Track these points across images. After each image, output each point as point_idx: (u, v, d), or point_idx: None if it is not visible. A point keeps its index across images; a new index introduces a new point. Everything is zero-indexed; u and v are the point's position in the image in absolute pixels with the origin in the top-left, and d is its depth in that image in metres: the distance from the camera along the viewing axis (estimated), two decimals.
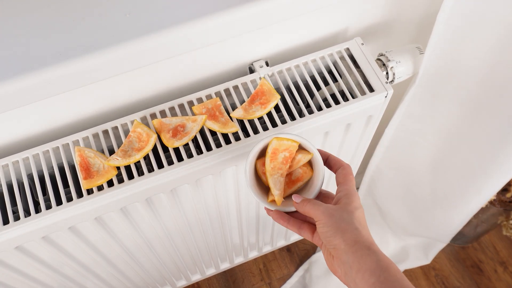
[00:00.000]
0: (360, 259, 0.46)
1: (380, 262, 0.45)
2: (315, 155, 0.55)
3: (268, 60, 0.72)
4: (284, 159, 0.56)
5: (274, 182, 0.55)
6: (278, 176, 0.56)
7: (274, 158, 0.56)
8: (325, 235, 0.49)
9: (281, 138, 0.55)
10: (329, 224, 0.49)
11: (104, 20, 0.57)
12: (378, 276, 0.44)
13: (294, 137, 0.55)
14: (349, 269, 0.47)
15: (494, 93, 0.72)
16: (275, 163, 0.56)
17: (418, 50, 0.74)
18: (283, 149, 0.56)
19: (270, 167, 0.56)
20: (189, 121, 0.64)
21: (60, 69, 0.54)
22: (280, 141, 0.55)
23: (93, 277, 0.84)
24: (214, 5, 0.57)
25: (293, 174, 0.57)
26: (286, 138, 0.55)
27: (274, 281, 1.31)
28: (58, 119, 0.66)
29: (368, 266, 0.45)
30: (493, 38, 0.65)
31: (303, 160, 0.56)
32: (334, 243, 0.48)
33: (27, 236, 0.61)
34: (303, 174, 0.57)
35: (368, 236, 0.48)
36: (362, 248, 0.46)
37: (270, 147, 0.55)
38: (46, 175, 0.62)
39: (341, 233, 0.48)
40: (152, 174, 0.62)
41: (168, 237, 0.82)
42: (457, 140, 0.85)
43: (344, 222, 0.48)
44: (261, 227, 1.01)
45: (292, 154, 0.56)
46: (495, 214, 1.17)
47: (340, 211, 0.49)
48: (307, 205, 0.51)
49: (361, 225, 0.49)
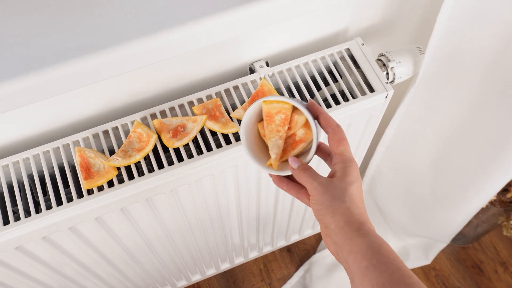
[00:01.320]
0: (350, 241, 0.44)
1: (372, 243, 0.44)
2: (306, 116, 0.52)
3: (268, 60, 0.72)
4: (281, 121, 0.53)
5: (272, 145, 0.53)
6: (276, 139, 0.54)
7: (271, 121, 0.54)
8: (317, 212, 0.48)
9: (270, 101, 0.53)
10: (320, 202, 0.47)
11: (104, 20, 0.57)
12: (370, 259, 0.43)
13: (282, 98, 0.53)
14: (340, 250, 0.46)
15: (494, 93, 0.72)
16: (273, 125, 0.54)
17: (418, 50, 0.74)
18: (276, 112, 0.53)
19: (268, 130, 0.54)
20: (190, 121, 0.64)
21: (60, 69, 0.54)
22: (269, 104, 0.53)
23: (93, 277, 0.84)
24: (214, 5, 0.57)
25: (296, 134, 0.55)
26: (275, 101, 0.53)
27: (274, 281, 1.31)
28: (59, 120, 0.66)
29: (359, 248, 0.44)
30: (493, 38, 0.65)
31: (300, 121, 0.54)
32: (325, 222, 0.47)
33: (28, 236, 0.61)
34: (305, 134, 0.54)
35: (360, 215, 0.46)
36: (352, 230, 0.45)
37: (263, 112, 0.54)
38: (47, 175, 0.62)
39: (331, 213, 0.46)
40: (152, 175, 0.62)
41: (168, 237, 0.82)
42: (457, 140, 0.85)
43: (336, 201, 0.46)
44: (261, 227, 1.01)
45: (287, 116, 0.53)
46: (495, 215, 1.17)
47: (333, 188, 0.47)
48: (302, 175, 0.49)
49: (353, 203, 0.46)
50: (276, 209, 0.94)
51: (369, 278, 0.42)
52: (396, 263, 0.43)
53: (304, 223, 1.13)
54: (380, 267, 0.42)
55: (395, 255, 0.44)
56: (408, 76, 0.74)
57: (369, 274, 0.42)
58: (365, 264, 0.43)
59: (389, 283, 0.41)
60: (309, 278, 1.30)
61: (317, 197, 0.47)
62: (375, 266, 0.42)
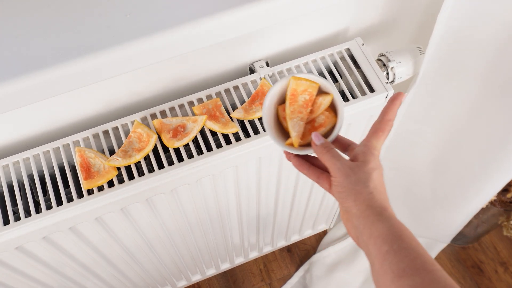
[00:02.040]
0: (371, 225, 0.44)
1: (393, 228, 0.43)
2: (335, 95, 0.52)
3: (268, 60, 0.72)
4: (305, 102, 0.52)
5: (293, 125, 0.52)
6: (298, 120, 0.52)
7: (294, 101, 0.53)
8: (339, 195, 0.47)
9: (299, 77, 0.52)
10: (343, 185, 0.46)
11: (104, 20, 0.57)
12: (391, 244, 0.42)
13: (312, 77, 0.52)
14: (360, 234, 0.45)
15: (494, 93, 0.72)
16: (295, 106, 0.53)
17: (418, 50, 0.74)
18: (302, 90, 0.53)
19: (289, 111, 0.53)
20: (190, 121, 0.64)
21: (60, 70, 0.54)
22: (298, 81, 0.52)
23: (93, 277, 0.84)
24: (214, 6, 0.57)
25: (316, 120, 0.53)
26: (304, 78, 0.52)
27: (274, 281, 1.31)
28: (59, 120, 0.66)
29: (379, 233, 0.43)
30: (493, 38, 0.65)
31: (324, 102, 0.52)
32: (346, 205, 0.46)
33: (28, 236, 0.61)
34: (326, 119, 0.53)
35: (382, 200, 0.45)
36: (374, 214, 0.44)
37: (289, 89, 0.53)
38: (47, 175, 0.62)
39: (353, 196, 0.45)
40: (152, 175, 0.62)
41: (168, 237, 0.82)
42: (457, 140, 0.85)
43: (359, 185, 0.45)
44: (262, 227, 1.01)
45: (312, 97, 0.53)
46: (495, 215, 1.17)
47: (357, 170, 0.46)
48: (326, 154, 0.48)
49: (376, 189, 0.46)
50: (276, 209, 0.94)
51: (389, 263, 0.41)
52: (418, 250, 0.42)
53: (304, 223, 1.13)
54: (401, 252, 0.41)
55: (417, 242, 0.43)
56: (408, 76, 0.74)
57: (389, 259, 0.41)
58: (385, 249, 0.42)
59: (410, 269, 0.40)
60: (309, 278, 1.30)
61: (339, 179, 0.46)
62: (396, 251, 0.41)
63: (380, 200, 0.45)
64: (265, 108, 0.53)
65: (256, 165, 0.72)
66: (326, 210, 1.11)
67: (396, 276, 0.40)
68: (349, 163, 0.47)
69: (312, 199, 0.97)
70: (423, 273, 0.40)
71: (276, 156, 0.72)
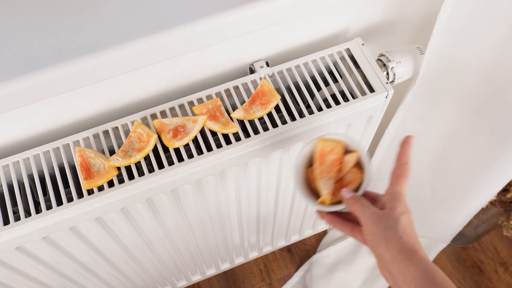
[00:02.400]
0: (404, 270, 0.45)
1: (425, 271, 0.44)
2: (361, 152, 0.54)
3: (268, 60, 0.72)
4: (333, 161, 0.55)
5: (323, 183, 0.55)
6: (327, 179, 0.55)
7: (322, 162, 0.55)
8: (371, 243, 0.49)
9: (326, 139, 0.55)
10: (374, 232, 0.48)
11: (105, 20, 0.57)
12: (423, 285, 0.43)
13: (338, 136, 0.55)
14: (395, 279, 0.46)
15: (495, 94, 0.72)
16: (323, 167, 0.55)
17: (418, 50, 0.74)
18: (329, 151, 0.55)
19: (318, 171, 0.55)
20: (190, 121, 0.64)
21: (61, 70, 0.54)
22: (325, 142, 0.55)
23: (94, 277, 0.84)
24: (214, 6, 0.57)
25: (344, 178, 0.56)
26: (330, 139, 0.55)
27: (274, 281, 1.31)
28: (59, 120, 0.66)
29: (412, 276, 0.44)
30: (493, 38, 0.65)
31: (351, 160, 0.55)
32: (379, 252, 0.48)
33: (28, 236, 0.61)
34: (354, 176, 0.56)
35: (413, 243, 0.47)
36: (406, 258, 0.46)
37: (317, 150, 0.55)
38: (47, 175, 0.62)
39: (385, 242, 0.47)
40: (152, 175, 0.62)
41: (168, 237, 0.82)
42: (457, 140, 0.85)
43: (389, 231, 0.47)
44: (262, 227, 1.01)
45: (340, 156, 0.55)
46: (495, 215, 1.17)
47: (386, 217, 0.48)
48: (355, 205, 0.50)
49: (406, 233, 0.47)
50: (276, 209, 0.94)
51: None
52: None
53: (304, 223, 1.13)
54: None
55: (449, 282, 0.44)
56: (408, 76, 0.74)
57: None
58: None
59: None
60: (309, 278, 1.30)
61: (370, 227, 0.48)
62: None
63: (411, 244, 0.47)
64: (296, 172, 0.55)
65: (256, 165, 0.72)
66: None
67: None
68: (377, 211, 0.50)
69: None
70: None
71: (276, 156, 0.72)
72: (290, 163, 0.76)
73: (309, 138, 0.69)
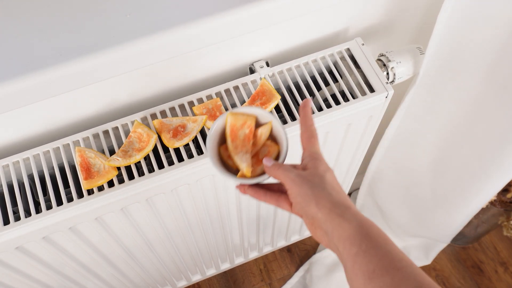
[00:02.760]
0: (338, 227, 0.44)
1: (360, 227, 0.43)
2: (273, 122, 0.53)
3: (268, 60, 0.72)
4: (245, 136, 0.54)
5: (240, 158, 0.53)
6: (243, 153, 0.53)
7: (235, 137, 0.54)
8: (300, 205, 0.47)
9: (236, 113, 0.53)
10: (301, 193, 0.46)
11: (105, 20, 0.57)
12: (359, 245, 0.42)
13: (248, 109, 0.53)
14: (330, 238, 0.45)
15: (494, 93, 0.72)
16: (237, 142, 0.54)
17: (418, 50, 0.74)
18: (241, 125, 0.53)
19: (232, 147, 0.53)
20: (190, 121, 0.64)
21: (61, 70, 0.54)
22: (235, 116, 0.53)
23: (94, 277, 0.84)
24: (214, 6, 0.57)
25: (260, 153, 0.55)
26: (240, 112, 0.53)
27: (274, 281, 1.31)
28: (59, 120, 0.66)
29: (347, 234, 0.43)
30: (493, 38, 0.65)
31: (264, 132, 0.54)
32: (311, 213, 0.46)
33: (28, 236, 0.61)
34: (270, 149, 0.54)
35: (343, 199, 0.46)
36: (339, 215, 0.44)
37: (228, 126, 0.54)
38: (47, 175, 0.62)
39: (315, 201, 0.45)
40: (152, 175, 0.62)
41: (168, 237, 0.82)
42: (457, 140, 0.85)
43: (317, 188, 0.46)
44: (262, 227, 1.01)
45: (252, 130, 0.53)
46: (495, 215, 1.17)
47: (311, 176, 0.47)
48: (278, 170, 0.49)
49: (334, 189, 0.46)
50: (276, 209, 0.94)
51: (359, 265, 0.41)
52: (386, 247, 0.42)
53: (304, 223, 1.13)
54: (369, 252, 0.41)
55: (384, 238, 0.43)
56: (408, 76, 0.74)
57: (359, 260, 0.42)
58: (354, 251, 0.42)
59: (379, 269, 0.40)
60: (309, 278, 1.30)
61: (296, 189, 0.47)
62: (365, 251, 0.42)
63: (341, 200, 0.46)
64: (209, 150, 0.53)
65: None
66: None
67: (367, 278, 0.41)
68: (301, 172, 0.48)
69: None
70: (392, 271, 0.40)
71: None
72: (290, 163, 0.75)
73: None
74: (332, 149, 0.78)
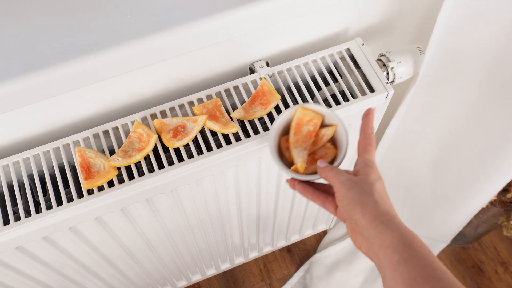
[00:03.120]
0: (381, 235, 0.44)
1: (403, 237, 0.43)
2: (339, 126, 0.54)
3: (268, 60, 0.72)
4: (308, 133, 0.54)
5: (297, 153, 0.54)
6: (301, 149, 0.54)
7: (298, 131, 0.55)
8: (345, 208, 0.47)
9: (306, 108, 0.54)
10: (348, 197, 0.47)
11: (105, 20, 0.57)
12: (401, 253, 0.42)
13: (318, 107, 0.54)
14: (371, 245, 0.45)
15: (494, 93, 0.72)
16: (299, 136, 0.55)
17: (418, 50, 0.74)
18: (307, 120, 0.54)
19: (293, 140, 0.54)
20: (190, 121, 0.64)
21: (61, 69, 0.54)
22: (305, 111, 0.54)
23: (94, 277, 0.84)
24: (214, 6, 0.57)
25: (316, 153, 0.56)
26: (310, 109, 0.54)
27: (274, 281, 1.31)
28: (59, 120, 0.66)
29: (389, 242, 0.43)
30: (493, 38, 0.65)
31: (327, 134, 0.55)
32: (355, 218, 0.46)
33: (28, 236, 0.61)
34: (327, 151, 0.55)
35: (389, 209, 0.46)
36: (383, 223, 0.44)
37: (295, 118, 0.54)
38: (47, 175, 0.62)
39: (360, 207, 0.46)
40: (152, 175, 0.62)
41: (168, 237, 0.82)
42: (457, 140, 0.85)
43: (364, 195, 0.46)
44: (262, 227, 1.01)
45: (316, 128, 0.54)
46: (495, 215, 1.17)
47: (361, 182, 0.48)
48: (330, 172, 0.50)
49: (381, 198, 0.47)
50: (277, 209, 0.94)
51: (400, 273, 0.41)
52: (428, 257, 0.42)
53: (304, 223, 1.13)
54: (411, 261, 0.41)
55: (427, 249, 0.43)
56: (408, 76, 0.74)
57: (400, 268, 0.42)
58: (396, 259, 0.42)
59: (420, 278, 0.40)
60: (309, 278, 1.30)
61: (344, 192, 0.48)
62: (406, 260, 0.42)
63: (386, 209, 0.46)
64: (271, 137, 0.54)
65: (256, 165, 0.72)
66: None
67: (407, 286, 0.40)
68: (352, 177, 0.49)
69: None
70: (433, 281, 0.40)
71: None
72: None
73: None
74: None
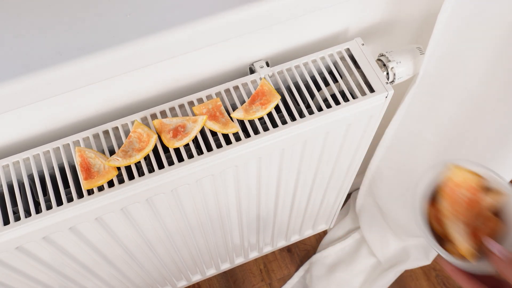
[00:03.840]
0: None
1: None
2: (510, 197, 0.40)
3: (268, 60, 0.72)
4: (468, 201, 0.41)
5: (454, 229, 0.40)
6: (459, 223, 0.41)
7: (453, 200, 0.42)
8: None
9: (460, 167, 0.41)
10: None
11: (105, 20, 0.57)
12: None
13: (477, 168, 0.41)
14: None
15: (495, 94, 0.72)
16: (456, 206, 0.42)
17: (418, 50, 0.74)
18: (460, 183, 0.42)
19: (449, 211, 0.41)
20: (190, 121, 0.64)
21: (60, 70, 0.54)
22: (459, 172, 0.42)
23: (94, 277, 0.84)
24: (214, 6, 0.57)
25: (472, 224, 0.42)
26: (467, 170, 0.41)
27: (274, 281, 1.31)
28: (59, 120, 0.66)
29: None
30: (493, 38, 0.65)
31: (493, 204, 0.41)
32: None
33: (28, 236, 0.61)
34: (490, 224, 0.41)
35: None
36: None
37: (446, 181, 0.42)
38: (47, 175, 0.62)
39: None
40: (152, 175, 0.62)
41: (168, 237, 0.82)
42: (457, 140, 0.85)
43: None
44: (262, 227, 1.01)
45: (476, 194, 0.41)
46: None
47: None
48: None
49: None
50: (277, 209, 0.94)
51: None
52: None
53: (304, 223, 1.13)
54: None
55: None
56: (408, 76, 0.74)
57: None
58: None
59: None
60: (309, 278, 1.30)
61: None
62: None
63: None
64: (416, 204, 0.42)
65: (256, 165, 0.72)
66: (326, 210, 1.11)
67: None
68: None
69: (312, 199, 0.97)
70: None
71: (276, 156, 0.72)
72: (290, 163, 0.76)
73: (310, 138, 0.69)
74: (332, 149, 0.78)
